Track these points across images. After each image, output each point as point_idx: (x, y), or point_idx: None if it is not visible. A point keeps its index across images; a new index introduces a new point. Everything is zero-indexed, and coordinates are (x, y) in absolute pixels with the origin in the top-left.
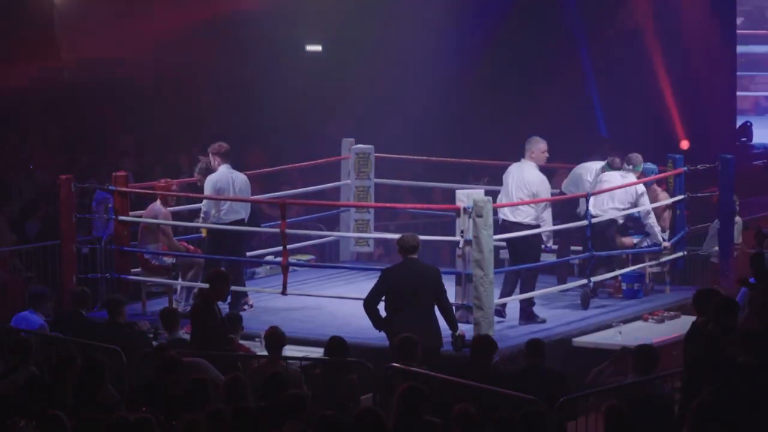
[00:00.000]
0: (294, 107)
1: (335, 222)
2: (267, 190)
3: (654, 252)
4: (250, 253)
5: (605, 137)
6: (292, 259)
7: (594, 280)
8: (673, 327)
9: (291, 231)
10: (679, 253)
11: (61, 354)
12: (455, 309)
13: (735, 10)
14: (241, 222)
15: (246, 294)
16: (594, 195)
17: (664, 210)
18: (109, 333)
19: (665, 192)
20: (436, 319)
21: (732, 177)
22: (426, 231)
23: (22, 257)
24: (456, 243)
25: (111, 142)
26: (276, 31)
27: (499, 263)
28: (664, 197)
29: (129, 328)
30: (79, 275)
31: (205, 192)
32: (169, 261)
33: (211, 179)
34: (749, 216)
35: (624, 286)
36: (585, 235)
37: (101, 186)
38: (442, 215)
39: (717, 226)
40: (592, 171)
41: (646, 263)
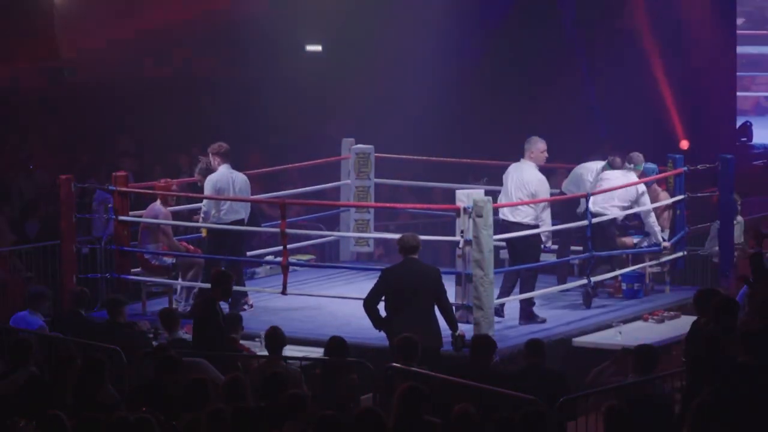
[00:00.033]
0: (294, 107)
1: (335, 222)
2: (267, 190)
3: (654, 252)
4: (250, 253)
5: (605, 137)
6: (292, 259)
7: (594, 279)
8: (673, 327)
9: (291, 231)
10: (679, 253)
11: (61, 354)
12: (455, 309)
13: (735, 10)
14: (241, 222)
15: (246, 294)
16: (594, 195)
17: (664, 210)
18: (109, 333)
19: (666, 192)
20: (436, 319)
21: (732, 177)
22: (426, 231)
23: (22, 257)
24: (456, 243)
25: (111, 142)
26: (276, 31)
27: (499, 263)
28: (664, 197)
29: (129, 328)
30: (79, 275)
31: (205, 192)
32: (169, 261)
33: (211, 179)
34: (749, 216)
35: (624, 286)
36: (585, 235)
37: (101, 186)
38: (442, 215)
39: (718, 226)
40: (592, 171)
41: (646, 263)
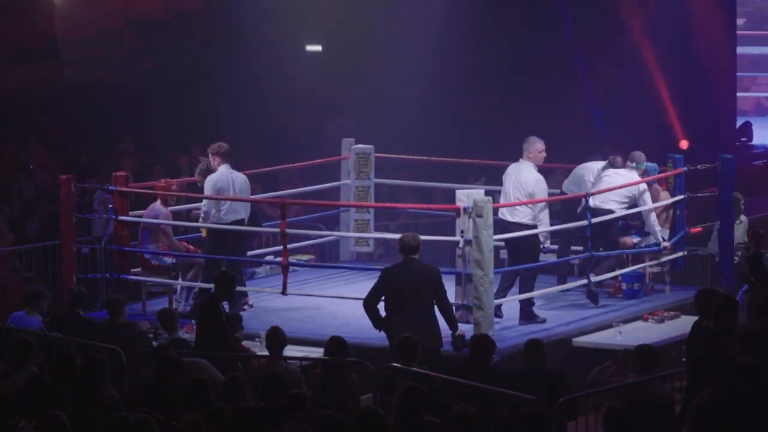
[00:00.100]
0: (294, 107)
1: (335, 222)
2: (267, 190)
3: (654, 252)
4: (249, 253)
5: (605, 137)
6: (292, 259)
7: (595, 279)
8: (673, 327)
9: (291, 231)
10: (679, 253)
11: (61, 354)
12: (455, 309)
13: (735, 10)
14: (242, 222)
15: (246, 294)
16: (594, 195)
17: (664, 210)
18: (109, 333)
19: (666, 191)
20: (436, 319)
21: (732, 177)
22: (426, 231)
23: (21, 257)
24: (456, 243)
25: (111, 142)
26: (276, 31)
27: (499, 263)
28: (665, 196)
29: (129, 328)
30: (79, 275)
31: (205, 192)
32: (169, 261)
33: (211, 179)
34: (749, 216)
35: (624, 286)
36: (585, 235)
37: (101, 186)
38: (442, 215)
39: (718, 226)
40: (593, 171)
41: (646, 263)
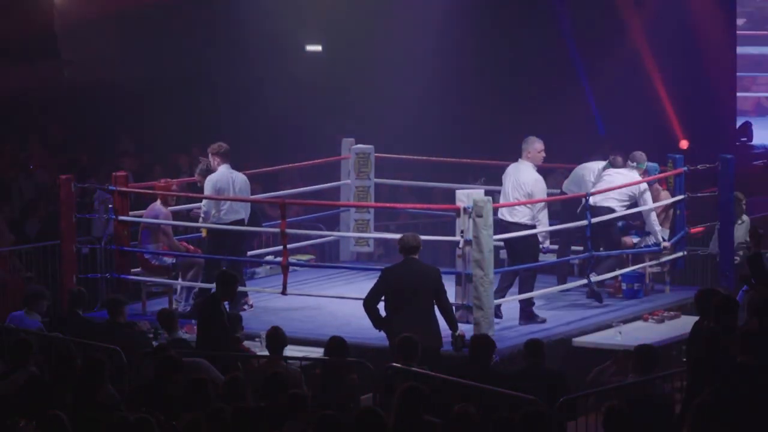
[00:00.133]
0: (294, 107)
1: (335, 222)
2: (267, 190)
3: (654, 252)
4: (250, 253)
5: (605, 137)
6: (292, 259)
7: (594, 279)
8: (673, 327)
9: (291, 231)
10: (679, 253)
11: (61, 354)
12: (455, 309)
13: (735, 10)
14: (241, 222)
15: (246, 294)
16: (594, 195)
17: (664, 209)
18: (109, 333)
19: (666, 191)
20: (436, 319)
21: (732, 177)
22: (426, 231)
23: (21, 257)
24: (456, 243)
25: (111, 142)
26: (276, 31)
27: (499, 263)
28: (665, 196)
29: (129, 328)
30: (79, 275)
31: (205, 192)
32: (169, 261)
33: (211, 179)
34: (748, 216)
35: (624, 286)
36: (585, 235)
37: (101, 186)
38: (442, 215)
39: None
40: (593, 171)
41: (646, 263)
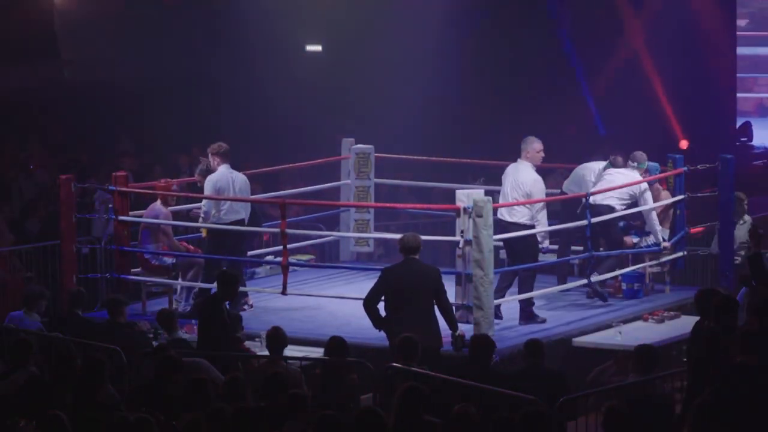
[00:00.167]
0: (294, 107)
1: (335, 222)
2: (267, 190)
3: (654, 252)
4: (250, 253)
5: (604, 137)
6: (292, 259)
7: (595, 279)
8: (673, 327)
9: (291, 231)
10: (679, 253)
11: (61, 354)
12: (455, 309)
13: (735, 11)
14: (242, 222)
15: (246, 294)
16: (594, 195)
17: (664, 209)
18: (109, 333)
19: (667, 191)
20: (436, 319)
21: (732, 177)
22: (426, 231)
23: (21, 257)
24: (456, 243)
25: (111, 142)
26: (276, 31)
27: (499, 263)
28: (665, 196)
29: (129, 328)
30: (79, 275)
31: (205, 192)
32: (169, 261)
33: (211, 179)
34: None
35: (624, 286)
36: (585, 235)
37: (101, 186)
38: (442, 215)
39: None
40: (594, 171)
41: (646, 263)
